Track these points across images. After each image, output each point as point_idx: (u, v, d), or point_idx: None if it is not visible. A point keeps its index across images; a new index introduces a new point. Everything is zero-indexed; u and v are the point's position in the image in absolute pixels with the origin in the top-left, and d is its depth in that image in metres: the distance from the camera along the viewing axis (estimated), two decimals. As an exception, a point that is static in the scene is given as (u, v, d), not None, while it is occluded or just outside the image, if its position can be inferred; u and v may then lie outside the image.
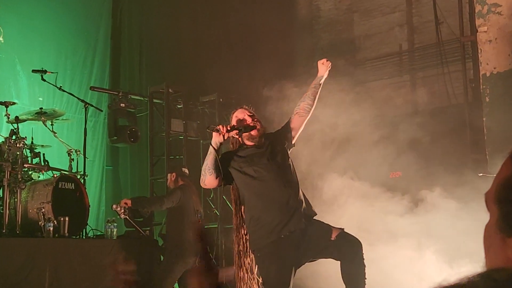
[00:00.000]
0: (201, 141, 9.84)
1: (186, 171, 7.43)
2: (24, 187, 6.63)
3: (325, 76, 4.78)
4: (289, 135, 4.67)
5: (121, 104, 8.79)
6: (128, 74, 10.55)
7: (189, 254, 6.92)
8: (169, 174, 7.44)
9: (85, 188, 7.21)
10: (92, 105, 8.10)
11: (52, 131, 7.43)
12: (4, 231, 6.28)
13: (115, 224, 7.13)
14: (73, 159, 7.43)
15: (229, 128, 4.40)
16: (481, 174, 6.27)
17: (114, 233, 7.09)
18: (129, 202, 6.92)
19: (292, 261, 4.30)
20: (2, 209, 6.50)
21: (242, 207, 4.55)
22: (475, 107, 8.22)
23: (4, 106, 7.01)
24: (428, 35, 9.45)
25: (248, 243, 4.51)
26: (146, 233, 7.54)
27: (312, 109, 4.72)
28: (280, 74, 8.87)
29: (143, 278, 7.00)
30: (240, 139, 4.60)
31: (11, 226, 6.42)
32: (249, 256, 4.53)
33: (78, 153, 7.47)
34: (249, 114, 4.61)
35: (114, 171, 10.28)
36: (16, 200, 6.56)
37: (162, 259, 7.30)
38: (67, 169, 7.31)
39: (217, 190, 9.53)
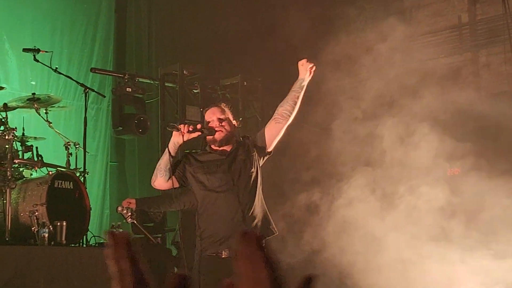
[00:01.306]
0: (222, 132, 9.80)
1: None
2: (14, 186, 6.65)
3: (307, 79, 5.01)
4: (262, 143, 4.99)
5: (127, 89, 8.79)
6: (135, 53, 10.54)
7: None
8: (184, 171, 7.39)
9: (86, 188, 7.21)
10: (93, 90, 8.09)
11: (47, 121, 7.44)
12: (-9, 238, 6.31)
13: (121, 230, 7.11)
14: (71, 154, 7.44)
15: (191, 129, 4.73)
16: None
17: (120, 240, 7.07)
18: (133, 202, 6.91)
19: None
20: (-11, 212, 6.53)
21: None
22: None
23: (-10, 91, 7.04)
24: (492, 4, 9.29)
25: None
26: (157, 241, 7.53)
27: (292, 115, 5.03)
28: (316, 51, 8.77)
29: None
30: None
31: (-1, 232, 6.45)
32: None
33: (77, 146, 7.47)
34: (219, 116, 4.90)
35: (119, 167, 10.30)
36: (5, 201, 6.59)
37: (176, 271, 7.27)
38: (65, 165, 7.32)
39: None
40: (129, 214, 6.82)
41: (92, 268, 6.59)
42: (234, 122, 5.03)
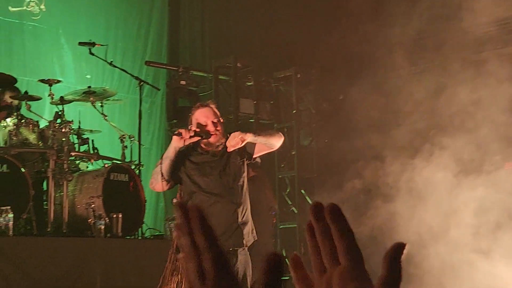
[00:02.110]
0: (275, 125, 9.78)
1: (258, 160, 7.36)
2: (71, 178, 6.75)
3: (252, 139, 4.96)
4: (250, 150, 5.11)
5: (181, 82, 8.83)
6: (189, 46, 10.59)
7: (261, 257, 6.89)
8: (238, 164, 7.40)
9: (141, 180, 7.28)
10: (148, 83, 8.17)
11: (102, 114, 7.52)
12: (48, 229, 6.42)
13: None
14: (126, 147, 7.51)
15: (192, 134, 4.89)
16: None
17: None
18: None
19: None
20: (46, 205, 6.64)
21: None
22: None
23: (47, 85, 7.15)
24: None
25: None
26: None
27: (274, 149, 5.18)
28: (371, 43, 8.69)
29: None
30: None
31: (56, 224, 6.56)
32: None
33: (132, 139, 7.54)
34: (213, 120, 5.01)
35: (173, 160, 10.36)
36: (62, 194, 6.70)
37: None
38: (120, 158, 7.39)
39: (295, 183, 9.47)
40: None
41: (148, 260, 6.66)
42: (221, 119, 5.14)
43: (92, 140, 7.31)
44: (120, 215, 6.67)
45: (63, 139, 6.77)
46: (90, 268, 6.21)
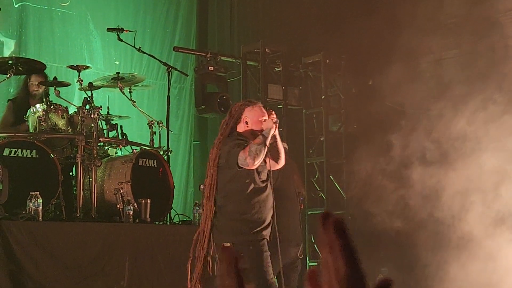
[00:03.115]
0: (304, 111, 9.75)
1: (285, 145, 7.35)
2: (99, 164, 6.79)
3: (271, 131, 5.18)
4: None
5: (210, 68, 8.83)
6: (217, 31, 10.57)
7: (290, 244, 6.88)
8: (266, 150, 7.39)
9: (169, 166, 7.30)
10: (176, 69, 8.17)
11: (131, 100, 7.55)
12: (78, 215, 6.46)
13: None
14: (155, 132, 7.52)
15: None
16: None
17: (203, 218, 7.14)
18: None
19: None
20: (76, 190, 6.69)
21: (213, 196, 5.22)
22: None
23: (76, 71, 7.18)
24: None
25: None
26: (239, 219, 7.55)
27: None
28: (401, 28, 8.60)
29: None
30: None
31: (85, 209, 6.61)
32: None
33: (160, 125, 7.55)
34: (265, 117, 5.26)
35: (202, 146, 10.39)
36: (91, 179, 6.74)
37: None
38: (148, 144, 7.42)
39: (323, 169, 9.44)
40: (212, 192, 6.88)
41: (176, 246, 6.68)
42: None
43: (121, 126, 7.34)
44: (149, 201, 6.69)
45: (92, 125, 6.80)
46: (118, 253, 6.25)
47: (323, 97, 9.59)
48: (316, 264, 9.36)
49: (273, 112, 5.33)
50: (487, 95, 7.38)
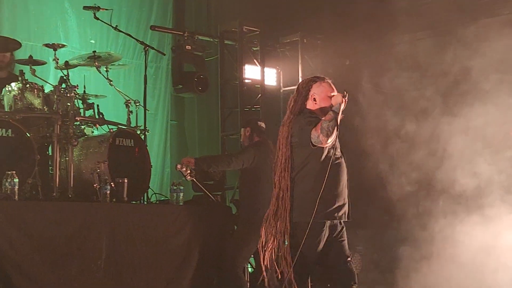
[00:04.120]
0: (281, 90, 9.76)
1: (263, 125, 7.37)
2: (76, 143, 6.75)
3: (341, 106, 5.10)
4: None
5: (187, 47, 8.80)
6: (194, 10, 10.52)
7: (266, 223, 6.92)
8: (242, 129, 7.40)
9: (147, 146, 7.29)
10: (153, 48, 8.13)
11: (107, 79, 7.50)
12: (54, 194, 6.43)
13: (182, 188, 7.19)
14: (131, 112, 7.50)
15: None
16: None
17: (180, 198, 7.16)
18: (192, 161, 6.96)
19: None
20: (52, 169, 6.65)
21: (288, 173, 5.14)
22: None
23: (52, 49, 7.12)
24: None
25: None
26: (217, 199, 7.58)
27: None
28: (377, 8, 8.65)
29: (214, 251, 7.06)
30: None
31: (62, 189, 6.58)
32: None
33: (137, 104, 7.53)
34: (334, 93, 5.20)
35: (179, 126, 10.37)
36: (67, 159, 6.70)
37: (235, 229, 7.33)
38: (125, 123, 7.39)
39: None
40: (188, 172, 6.89)
41: (153, 225, 6.70)
42: None
43: (97, 105, 7.31)
44: (126, 180, 6.68)
45: (68, 104, 6.75)
46: (95, 233, 6.24)
47: (300, 76, 9.60)
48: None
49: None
50: (458, 76, 7.46)
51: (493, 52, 7.79)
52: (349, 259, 5.25)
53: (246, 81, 9.28)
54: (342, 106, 5.02)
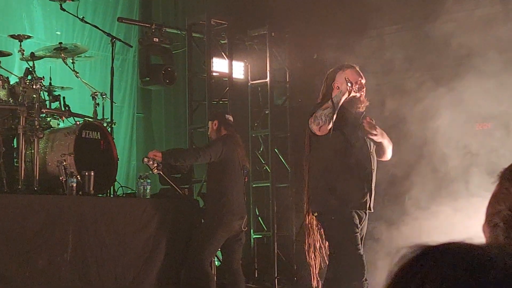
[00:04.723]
0: (249, 83, 9.79)
1: (231, 118, 7.39)
2: (42, 136, 6.73)
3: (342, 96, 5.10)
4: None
5: (154, 39, 8.77)
6: (162, 2, 10.50)
7: (233, 217, 6.95)
8: (210, 122, 7.40)
9: (113, 138, 7.28)
10: (120, 40, 8.11)
11: (74, 71, 7.48)
12: (19, 187, 6.41)
13: (149, 181, 7.20)
14: (98, 104, 7.49)
15: (357, 88, 5.08)
16: None
17: (147, 191, 7.17)
18: (158, 154, 6.96)
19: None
20: (17, 162, 6.62)
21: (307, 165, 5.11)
22: None
23: (17, 41, 7.08)
24: None
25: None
26: (184, 192, 7.59)
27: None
28: (345, 2, 8.70)
29: (181, 244, 7.09)
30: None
31: (27, 181, 6.55)
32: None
33: (104, 96, 7.51)
34: (363, 81, 5.16)
35: (146, 118, 10.36)
36: (33, 151, 6.67)
37: (202, 223, 7.36)
38: (92, 116, 7.37)
39: (268, 142, 9.52)
40: (155, 165, 6.89)
41: (120, 218, 6.71)
42: None
43: (64, 97, 7.28)
44: (92, 173, 6.67)
45: (34, 95, 6.72)
46: (62, 226, 6.23)
47: (268, 70, 9.64)
48: (260, 236, 9.49)
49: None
50: (426, 71, 7.56)
51: (461, 48, 7.90)
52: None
53: (214, 74, 9.29)
54: (345, 96, 4.98)
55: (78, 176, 6.58)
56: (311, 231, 5.18)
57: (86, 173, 6.64)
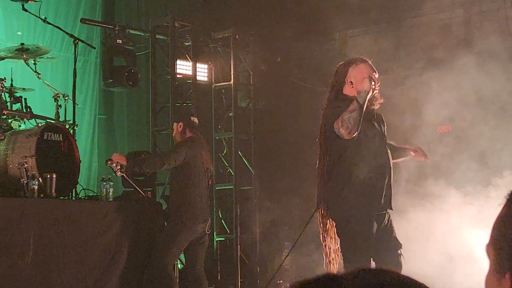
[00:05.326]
0: (213, 86, 9.81)
1: (196, 121, 7.38)
2: (3, 138, 6.68)
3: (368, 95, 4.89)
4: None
5: (118, 41, 8.74)
6: (125, 3, 10.46)
7: (196, 220, 6.96)
8: (175, 124, 7.37)
9: (75, 140, 7.25)
10: (83, 41, 8.07)
11: (36, 72, 7.43)
12: (-20, 189, 6.35)
13: (111, 184, 7.17)
14: (60, 106, 7.44)
15: (376, 85, 4.86)
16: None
17: (110, 194, 7.14)
18: (123, 158, 6.91)
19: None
20: (-22, 164, 6.56)
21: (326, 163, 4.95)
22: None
23: (-22, 41, 7.02)
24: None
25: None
26: (147, 195, 7.59)
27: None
28: (309, 5, 8.79)
29: (144, 247, 7.08)
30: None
31: (-12, 184, 6.49)
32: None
33: (66, 98, 7.47)
34: (376, 75, 4.96)
35: (108, 120, 10.31)
36: (-7, 153, 6.62)
37: (166, 226, 7.36)
38: (54, 118, 7.33)
39: (232, 144, 9.55)
40: (118, 167, 6.87)
41: (82, 221, 6.67)
42: None
43: (25, 99, 7.22)
44: (54, 176, 6.63)
45: (-5, 97, 6.67)
46: (23, 229, 6.17)
47: (232, 72, 9.68)
48: (223, 239, 9.52)
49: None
50: (387, 74, 7.65)
51: (423, 51, 8.03)
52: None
53: (178, 76, 9.29)
54: (369, 95, 4.79)
55: (40, 179, 6.53)
56: (327, 234, 5.02)
57: (48, 176, 6.60)
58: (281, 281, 9.03)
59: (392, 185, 4.99)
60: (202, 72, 9.66)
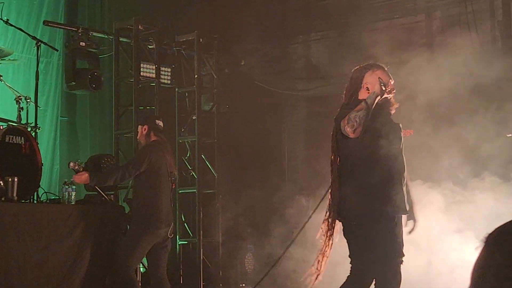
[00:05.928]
0: (176, 89, 9.82)
1: (161, 124, 7.33)
2: (-37, 141, 6.61)
3: (376, 97, 4.92)
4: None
5: (81, 43, 8.71)
6: (88, 5, 10.42)
7: (161, 224, 6.96)
8: (140, 127, 7.27)
9: (37, 143, 7.20)
10: (45, 44, 8.02)
11: (-2, 74, 7.39)
12: None
13: (74, 187, 7.14)
14: (22, 108, 7.39)
15: (390, 89, 4.91)
16: (510, 135, 6.45)
17: (72, 197, 7.11)
18: (84, 180, 6.82)
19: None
20: None
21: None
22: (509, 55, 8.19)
23: None
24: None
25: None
26: (110, 198, 7.56)
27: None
28: (273, 8, 8.85)
29: (106, 251, 7.07)
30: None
31: None
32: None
33: (28, 100, 7.43)
34: (392, 81, 5.00)
35: (70, 123, 10.25)
36: (-47, 156, 6.55)
37: (128, 229, 7.35)
38: (15, 120, 7.28)
39: (195, 148, 9.57)
40: (81, 170, 6.83)
41: (44, 224, 6.63)
42: None
43: (-14, 101, 7.18)
44: (16, 179, 6.58)
45: (-45, 99, 6.62)
46: (-16, 233, 6.14)
47: (196, 76, 9.70)
48: (186, 243, 9.53)
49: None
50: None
51: (385, 55, 8.11)
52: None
53: (141, 79, 9.29)
54: (378, 98, 4.81)
55: (1, 182, 6.48)
56: (330, 238, 5.00)
57: (10, 179, 6.55)
58: (243, 285, 9.08)
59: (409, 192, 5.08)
60: (166, 75, 9.66)
